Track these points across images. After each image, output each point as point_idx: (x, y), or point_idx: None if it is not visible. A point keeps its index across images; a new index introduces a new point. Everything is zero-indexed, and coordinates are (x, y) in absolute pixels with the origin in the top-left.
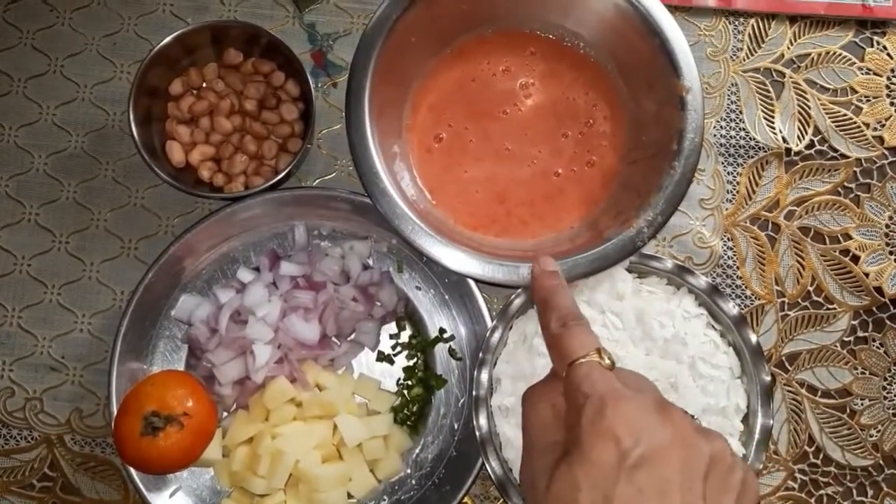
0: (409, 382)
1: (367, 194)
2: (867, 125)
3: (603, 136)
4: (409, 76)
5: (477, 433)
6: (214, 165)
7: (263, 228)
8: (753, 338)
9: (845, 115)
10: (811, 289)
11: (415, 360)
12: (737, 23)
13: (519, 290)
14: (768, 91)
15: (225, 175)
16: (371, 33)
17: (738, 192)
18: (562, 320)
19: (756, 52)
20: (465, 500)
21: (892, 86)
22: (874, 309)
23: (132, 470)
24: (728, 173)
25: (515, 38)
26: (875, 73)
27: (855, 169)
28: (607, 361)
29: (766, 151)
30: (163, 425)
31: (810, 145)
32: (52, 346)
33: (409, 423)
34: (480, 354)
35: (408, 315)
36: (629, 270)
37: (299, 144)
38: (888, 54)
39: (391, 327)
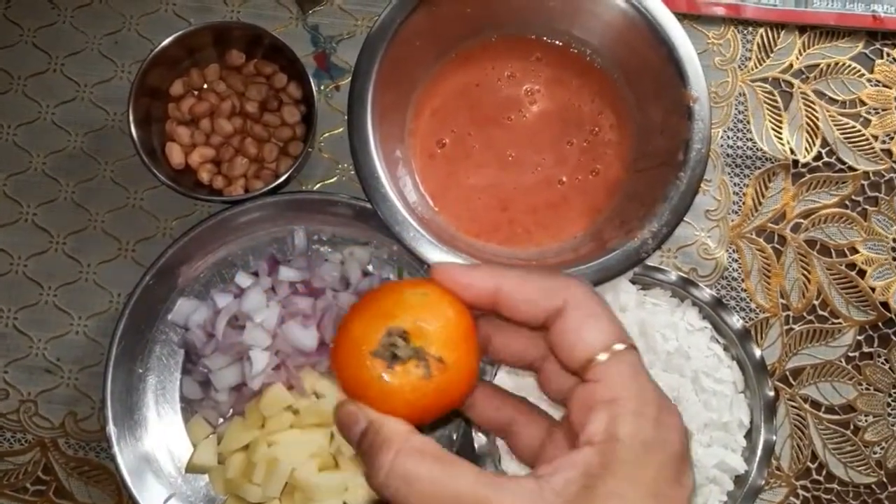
0: None
1: (368, 199)
2: (876, 138)
3: (608, 144)
4: (413, 80)
5: (475, 445)
6: (214, 168)
7: (262, 233)
8: (757, 352)
9: (854, 127)
10: (816, 303)
11: None
12: (746, 32)
13: None
14: (776, 101)
15: (225, 178)
16: (375, 36)
17: (744, 203)
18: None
19: (764, 61)
20: None
21: None
22: (880, 324)
23: (126, 476)
24: (734, 184)
25: (521, 43)
26: (884, 85)
27: (863, 182)
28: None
29: (773, 163)
30: (404, 357)
31: (818, 157)
32: (47, 348)
33: None
34: (480, 365)
35: None
36: (633, 282)
37: (300, 148)
38: None
39: None
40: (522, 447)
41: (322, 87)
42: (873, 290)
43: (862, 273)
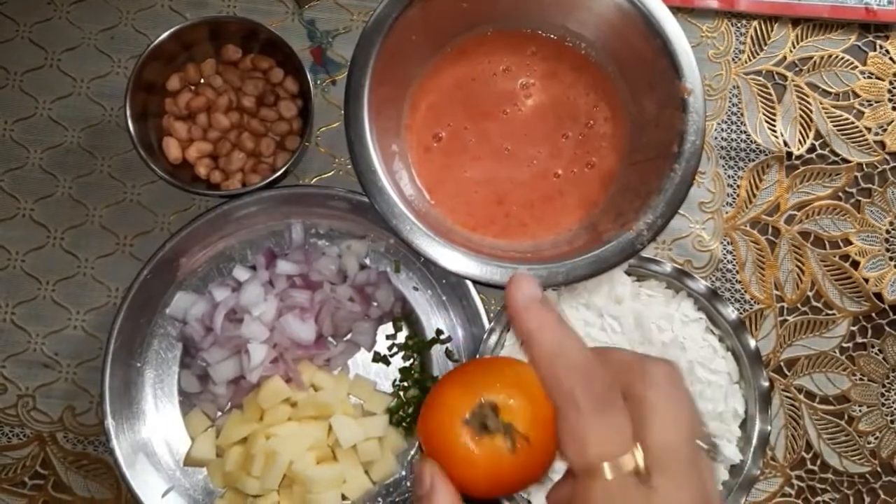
0: (406, 384)
1: (364, 193)
2: (869, 129)
3: (603, 137)
4: (409, 75)
5: None
6: (211, 162)
7: (260, 226)
8: (752, 343)
9: (847, 119)
10: (810, 294)
11: (411, 361)
12: (739, 25)
13: None
14: (770, 94)
15: (222, 172)
16: (371, 31)
17: (738, 195)
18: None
19: (758, 54)
20: None
21: (894, 90)
22: (873, 315)
23: (125, 469)
24: (729, 176)
25: (516, 37)
26: (877, 77)
27: (856, 174)
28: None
29: (767, 155)
30: (492, 429)
31: (811, 149)
32: (45, 343)
33: (404, 424)
34: (477, 356)
35: (404, 316)
36: (628, 273)
37: (297, 142)
38: (891, 58)
39: (388, 328)
40: None
41: (318, 82)
42: (867, 280)
43: (855, 264)
